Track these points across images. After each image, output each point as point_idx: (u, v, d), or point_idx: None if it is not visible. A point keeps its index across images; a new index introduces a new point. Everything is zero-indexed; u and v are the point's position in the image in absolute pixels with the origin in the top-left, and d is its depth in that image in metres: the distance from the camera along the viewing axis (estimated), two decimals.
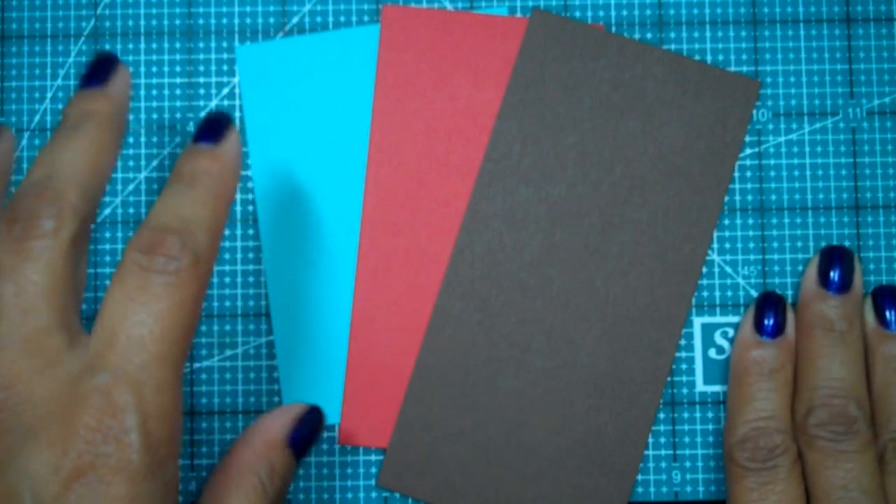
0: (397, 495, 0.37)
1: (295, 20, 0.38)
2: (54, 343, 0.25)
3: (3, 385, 0.25)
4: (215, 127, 0.29)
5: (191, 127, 0.38)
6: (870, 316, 0.35)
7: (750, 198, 0.37)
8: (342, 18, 0.38)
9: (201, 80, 0.38)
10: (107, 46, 0.38)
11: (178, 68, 0.38)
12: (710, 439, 0.37)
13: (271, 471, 0.31)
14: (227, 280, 0.37)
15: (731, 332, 0.37)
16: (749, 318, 0.36)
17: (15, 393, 0.25)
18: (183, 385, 0.26)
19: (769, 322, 0.35)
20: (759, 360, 0.35)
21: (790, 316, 0.36)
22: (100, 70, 0.30)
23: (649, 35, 0.38)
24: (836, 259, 0.36)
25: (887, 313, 0.35)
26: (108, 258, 0.37)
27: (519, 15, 0.38)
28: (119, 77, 0.30)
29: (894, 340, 0.35)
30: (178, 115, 0.38)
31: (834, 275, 0.35)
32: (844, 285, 0.35)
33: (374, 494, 0.37)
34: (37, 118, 0.38)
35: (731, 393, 0.35)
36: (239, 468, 0.30)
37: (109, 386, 0.25)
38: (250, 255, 0.37)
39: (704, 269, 0.37)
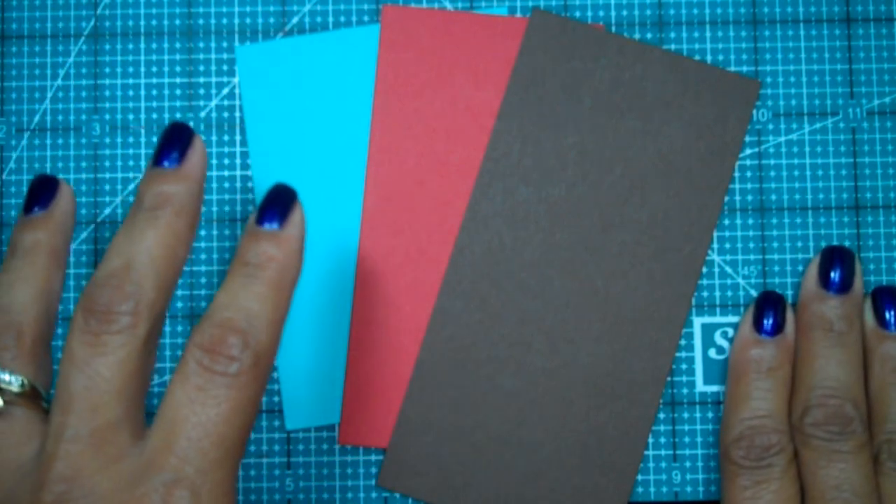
0: (397, 495, 0.37)
1: (295, 20, 0.38)
2: (119, 439, 0.26)
3: (66, 477, 0.25)
4: (281, 206, 0.28)
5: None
6: (869, 316, 0.35)
7: (750, 198, 0.37)
8: (342, 18, 0.38)
9: (201, 80, 0.38)
10: (107, 47, 0.38)
11: (178, 68, 0.38)
12: (710, 439, 0.37)
13: None
14: None
15: (731, 332, 0.37)
16: (748, 317, 0.36)
17: (78, 486, 0.25)
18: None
19: (768, 321, 0.35)
20: (757, 358, 0.35)
21: (789, 316, 0.36)
22: (174, 145, 0.28)
23: (649, 35, 0.38)
24: (836, 259, 0.36)
25: (886, 314, 0.35)
26: None
27: (519, 15, 0.38)
28: (195, 152, 0.28)
29: (893, 341, 0.35)
30: (178, 115, 0.38)
31: (834, 275, 0.35)
32: (844, 286, 0.35)
33: (374, 494, 0.37)
34: (37, 118, 0.38)
35: (728, 391, 0.35)
36: None
37: (169, 487, 0.25)
38: None
39: (704, 269, 0.37)
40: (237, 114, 0.38)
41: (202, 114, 0.38)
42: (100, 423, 0.25)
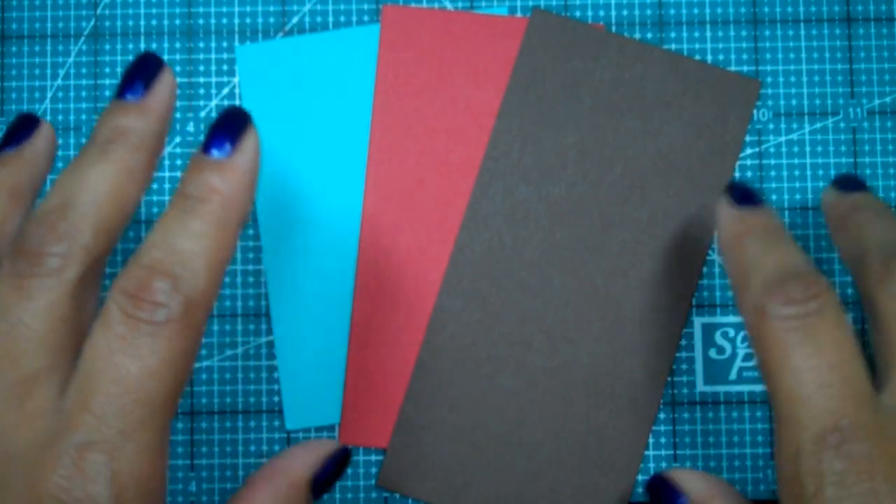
0: (397, 495, 0.37)
1: (295, 20, 0.38)
2: (42, 393, 0.23)
3: None
4: (229, 131, 0.25)
5: (191, 127, 0.38)
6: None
7: None
8: (342, 18, 0.38)
9: (201, 80, 0.38)
10: (107, 47, 0.38)
11: (178, 68, 0.38)
12: (711, 439, 0.37)
13: None
14: (227, 280, 0.37)
15: (731, 332, 0.37)
16: (724, 201, 0.30)
17: (4, 448, 0.23)
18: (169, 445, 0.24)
19: (746, 195, 0.30)
20: (753, 224, 0.29)
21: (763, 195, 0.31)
22: (139, 76, 0.26)
23: (649, 35, 0.38)
24: (847, 175, 0.32)
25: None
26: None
27: (519, 15, 0.38)
28: (161, 86, 0.26)
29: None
30: (178, 115, 0.38)
31: (853, 181, 0.32)
32: (866, 188, 0.32)
33: (374, 494, 0.37)
34: None
35: (731, 265, 0.28)
36: None
37: (81, 451, 0.22)
38: (250, 255, 0.37)
39: (704, 269, 0.37)
40: None
41: (202, 114, 0.38)
42: (20, 376, 0.23)
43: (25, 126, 0.28)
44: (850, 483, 0.24)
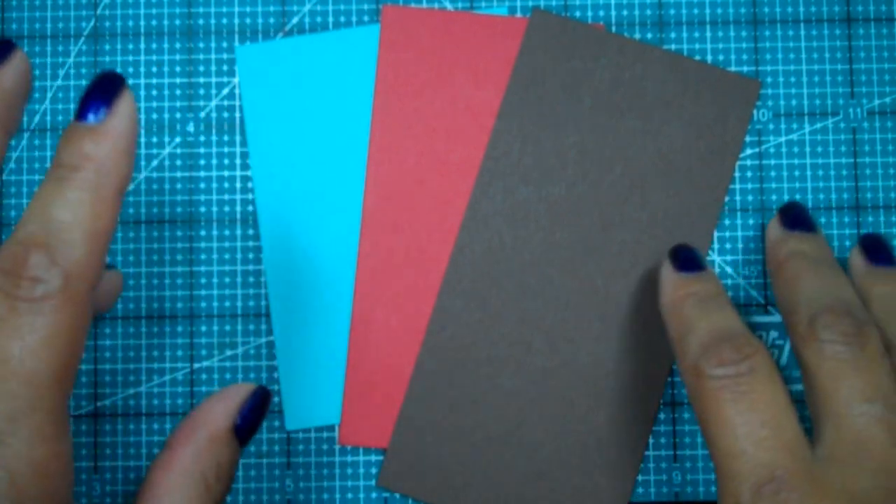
0: (397, 495, 0.37)
1: (295, 20, 0.38)
2: None
3: None
4: (101, 95, 0.24)
5: (191, 127, 0.38)
6: (858, 259, 0.33)
7: (750, 198, 0.37)
8: (342, 18, 0.38)
9: (201, 80, 0.38)
10: (107, 47, 0.38)
11: (178, 68, 0.38)
12: None
13: (218, 469, 0.27)
14: (227, 280, 0.37)
15: None
16: (667, 266, 0.32)
17: None
18: (70, 430, 0.23)
19: (687, 262, 0.32)
20: (693, 291, 0.31)
21: (704, 259, 0.33)
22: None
23: (649, 35, 0.38)
24: (793, 205, 0.34)
25: (879, 254, 0.32)
26: (107, 258, 0.37)
27: (519, 15, 0.38)
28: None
29: (886, 280, 0.32)
30: (178, 115, 0.38)
31: (796, 215, 0.33)
32: (810, 225, 0.33)
33: (374, 494, 0.37)
34: (37, 118, 0.38)
35: (672, 330, 0.30)
36: (181, 469, 0.26)
37: None
38: (250, 255, 0.37)
39: None
40: (237, 114, 0.38)
41: (202, 114, 0.38)
42: None
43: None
44: None
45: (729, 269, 0.37)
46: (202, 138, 0.38)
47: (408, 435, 0.36)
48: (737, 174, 0.37)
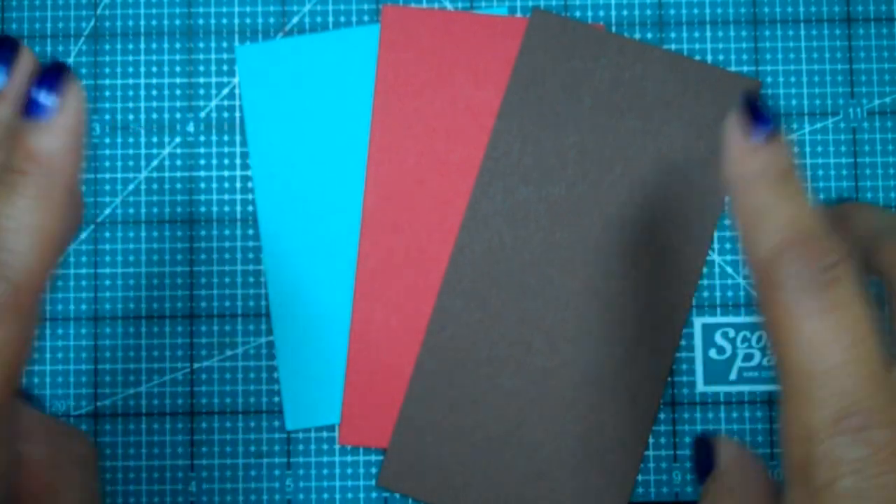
0: (397, 495, 0.37)
1: (295, 20, 0.38)
2: None
3: None
4: (48, 87, 0.22)
5: (191, 127, 0.38)
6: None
7: None
8: (342, 18, 0.38)
9: (201, 80, 0.38)
10: (107, 47, 0.38)
11: (178, 68, 0.38)
12: None
13: None
14: (227, 280, 0.37)
15: (731, 332, 0.37)
16: (733, 125, 0.26)
17: None
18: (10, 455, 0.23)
19: (761, 114, 0.25)
20: (767, 165, 0.25)
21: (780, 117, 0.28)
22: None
23: (649, 35, 0.38)
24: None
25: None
26: (107, 258, 0.37)
27: (519, 15, 0.38)
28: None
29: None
30: (178, 116, 0.38)
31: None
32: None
33: (374, 494, 0.37)
34: None
35: (740, 209, 0.25)
36: None
37: None
38: (250, 255, 0.37)
39: (704, 269, 0.37)
40: (237, 114, 0.38)
41: (202, 114, 0.38)
42: None
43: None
44: (871, 474, 0.22)
45: (729, 269, 0.37)
46: (202, 138, 0.38)
47: (408, 435, 0.36)
48: None
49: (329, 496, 0.37)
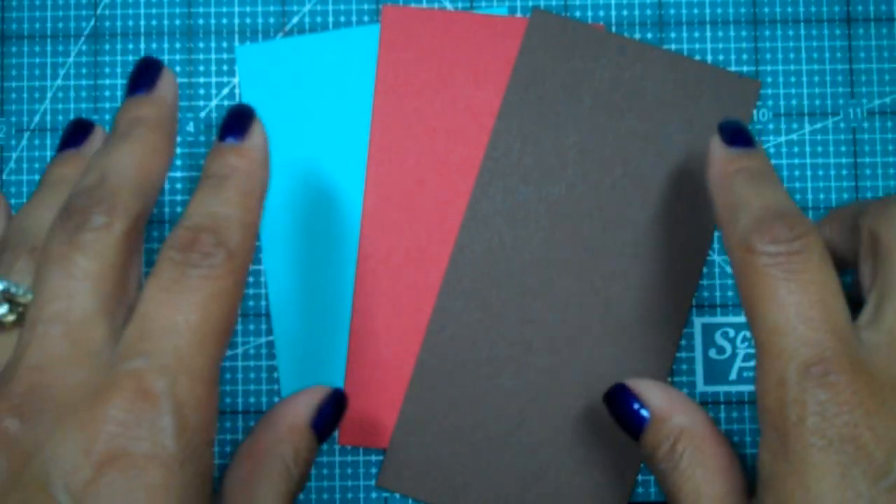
0: (397, 495, 0.37)
1: (295, 20, 0.38)
2: (96, 333, 0.25)
3: (38, 366, 0.25)
4: (239, 122, 0.29)
5: (191, 127, 0.38)
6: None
7: None
8: (342, 18, 0.38)
9: (201, 80, 0.38)
10: (107, 47, 0.38)
11: (178, 68, 0.38)
12: None
13: (296, 455, 0.30)
14: None
15: (731, 332, 0.37)
16: (716, 140, 0.30)
17: (50, 375, 0.24)
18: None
19: (738, 137, 0.30)
20: (743, 166, 0.29)
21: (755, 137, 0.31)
22: (145, 75, 0.30)
23: (649, 35, 0.38)
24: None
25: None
26: None
27: (519, 15, 0.38)
28: (165, 80, 0.30)
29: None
30: (179, 115, 0.38)
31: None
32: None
33: (374, 494, 0.37)
34: (37, 118, 0.38)
35: (720, 205, 0.29)
36: (264, 453, 0.30)
37: (142, 371, 0.24)
38: None
39: (704, 270, 0.37)
40: None
41: (202, 114, 0.38)
42: (75, 315, 0.25)
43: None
44: (832, 413, 0.25)
45: (729, 269, 0.37)
46: (202, 138, 0.38)
47: (408, 435, 0.36)
48: None
49: (329, 496, 0.37)
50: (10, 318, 0.27)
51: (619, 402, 0.31)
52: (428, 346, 0.36)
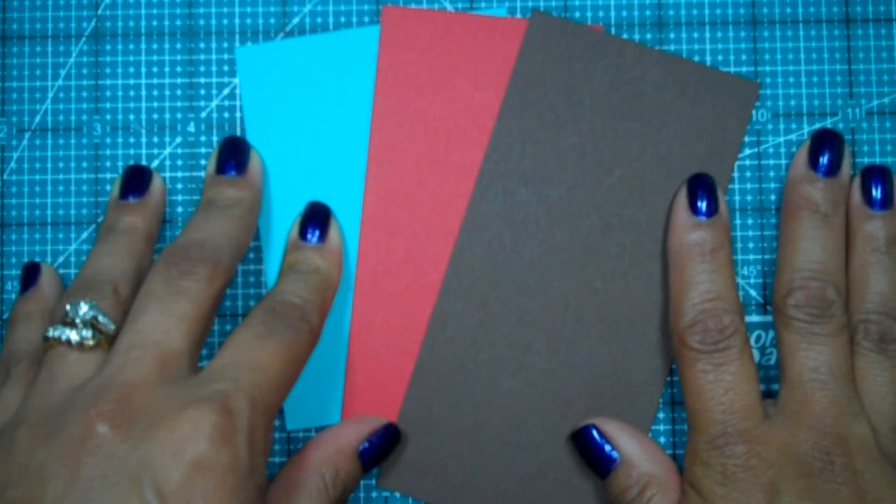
0: (397, 495, 0.37)
1: (295, 21, 0.38)
2: (183, 366, 0.29)
3: (131, 383, 0.28)
4: (320, 222, 0.35)
5: (191, 127, 0.38)
6: (856, 194, 0.35)
7: (750, 198, 0.37)
8: (342, 19, 0.38)
9: (201, 80, 0.38)
10: (107, 47, 0.38)
11: (178, 69, 0.38)
12: None
13: (335, 475, 0.33)
14: None
15: None
16: (682, 200, 0.35)
17: (141, 392, 0.28)
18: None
19: (702, 203, 0.35)
20: (699, 241, 0.34)
21: (721, 196, 0.35)
22: (237, 156, 0.36)
23: (649, 36, 0.38)
24: (827, 142, 0.36)
25: (873, 191, 0.35)
26: None
27: (519, 16, 0.38)
28: (254, 163, 0.36)
29: (877, 220, 0.35)
30: (179, 116, 0.38)
31: (823, 158, 0.35)
32: (833, 169, 0.35)
33: (374, 494, 0.37)
34: (37, 118, 0.38)
35: (673, 278, 0.35)
36: (306, 468, 0.33)
37: (227, 390, 0.28)
38: (250, 255, 0.37)
39: None
40: (237, 114, 0.38)
41: (202, 114, 0.38)
42: (166, 347, 0.29)
43: (142, 177, 0.36)
44: (730, 474, 0.32)
45: None
46: (203, 138, 0.38)
47: (408, 435, 0.37)
48: (736, 174, 0.37)
49: None
50: (91, 342, 0.30)
51: (589, 441, 0.35)
52: (428, 347, 0.37)
